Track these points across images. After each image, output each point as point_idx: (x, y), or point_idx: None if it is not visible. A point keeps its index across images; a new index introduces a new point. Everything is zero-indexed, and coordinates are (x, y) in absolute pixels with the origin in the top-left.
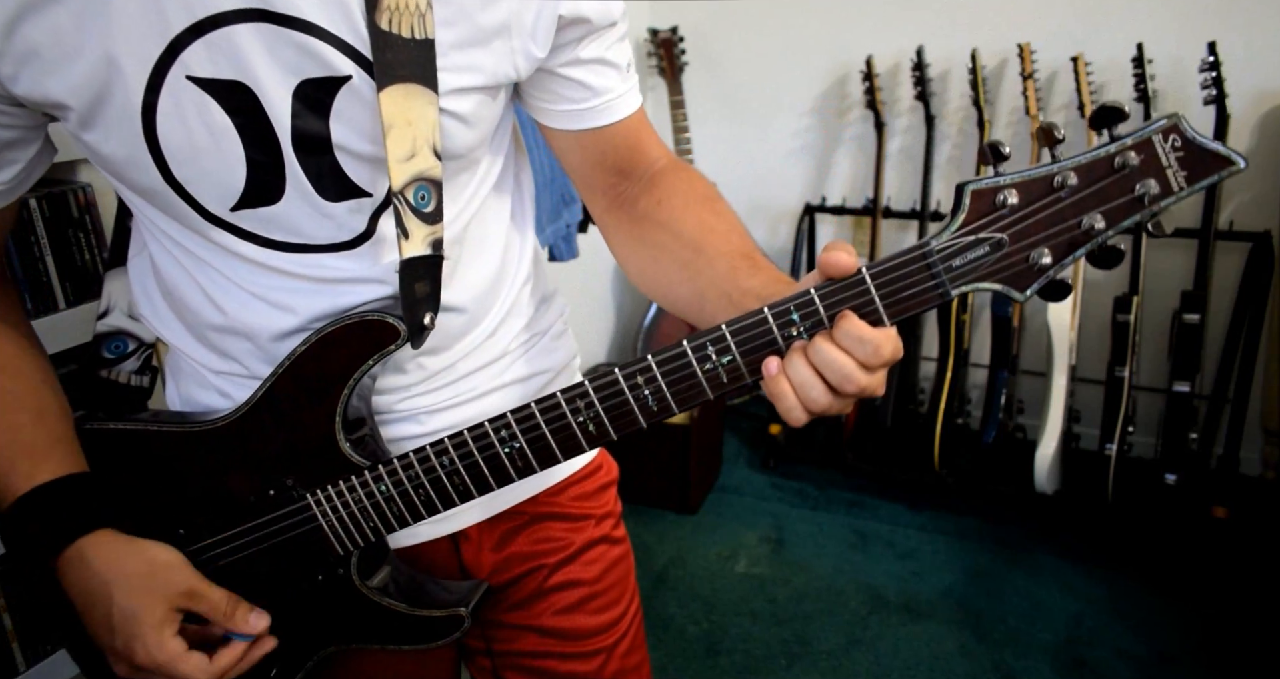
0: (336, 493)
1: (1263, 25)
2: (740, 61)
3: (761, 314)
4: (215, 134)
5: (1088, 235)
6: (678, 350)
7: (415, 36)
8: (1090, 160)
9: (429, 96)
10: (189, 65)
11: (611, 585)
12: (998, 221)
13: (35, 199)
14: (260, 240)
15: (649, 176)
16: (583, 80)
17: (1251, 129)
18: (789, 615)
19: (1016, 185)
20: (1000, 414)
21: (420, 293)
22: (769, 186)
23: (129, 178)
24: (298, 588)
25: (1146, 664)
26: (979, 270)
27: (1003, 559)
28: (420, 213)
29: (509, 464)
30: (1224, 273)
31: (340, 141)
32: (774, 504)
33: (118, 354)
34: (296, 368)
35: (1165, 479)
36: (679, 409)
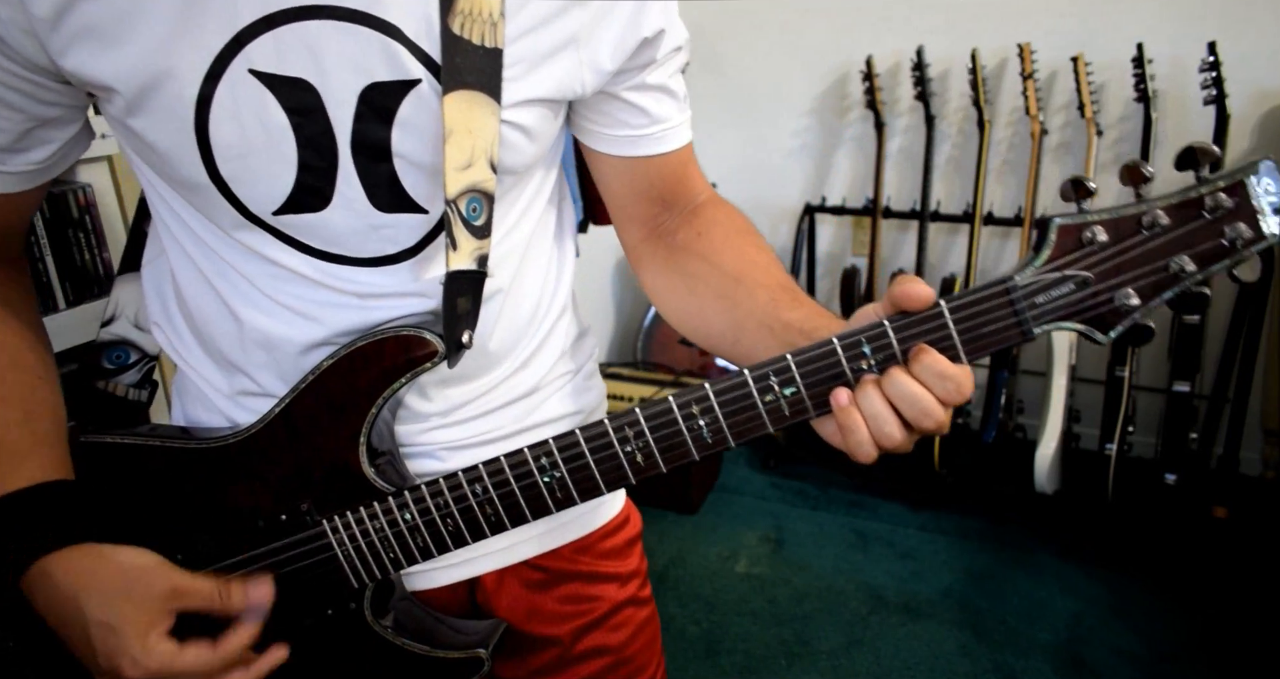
0: (356, 520)
1: (1263, 25)
2: (740, 61)
3: (830, 344)
4: (270, 132)
5: (1176, 278)
6: (738, 380)
7: (485, 44)
8: (1181, 201)
9: (492, 106)
10: (253, 58)
11: (639, 651)
12: (1084, 259)
13: None
14: (300, 246)
15: (690, 209)
16: (644, 106)
17: (1251, 129)
18: (789, 615)
19: (1105, 223)
20: (1000, 414)
21: (461, 308)
22: (769, 186)
23: (170, 170)
24: (304, 623)
25: (1146, 664)
26: (1063, 309)
27: (1003, 559)
28: (470, 225)
29: (547, 495)
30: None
31: (400, 149)
32: (774, 504)
33: (118, 365)
34: (321, 383)
35: (1165, 479)
36: (735, 442)
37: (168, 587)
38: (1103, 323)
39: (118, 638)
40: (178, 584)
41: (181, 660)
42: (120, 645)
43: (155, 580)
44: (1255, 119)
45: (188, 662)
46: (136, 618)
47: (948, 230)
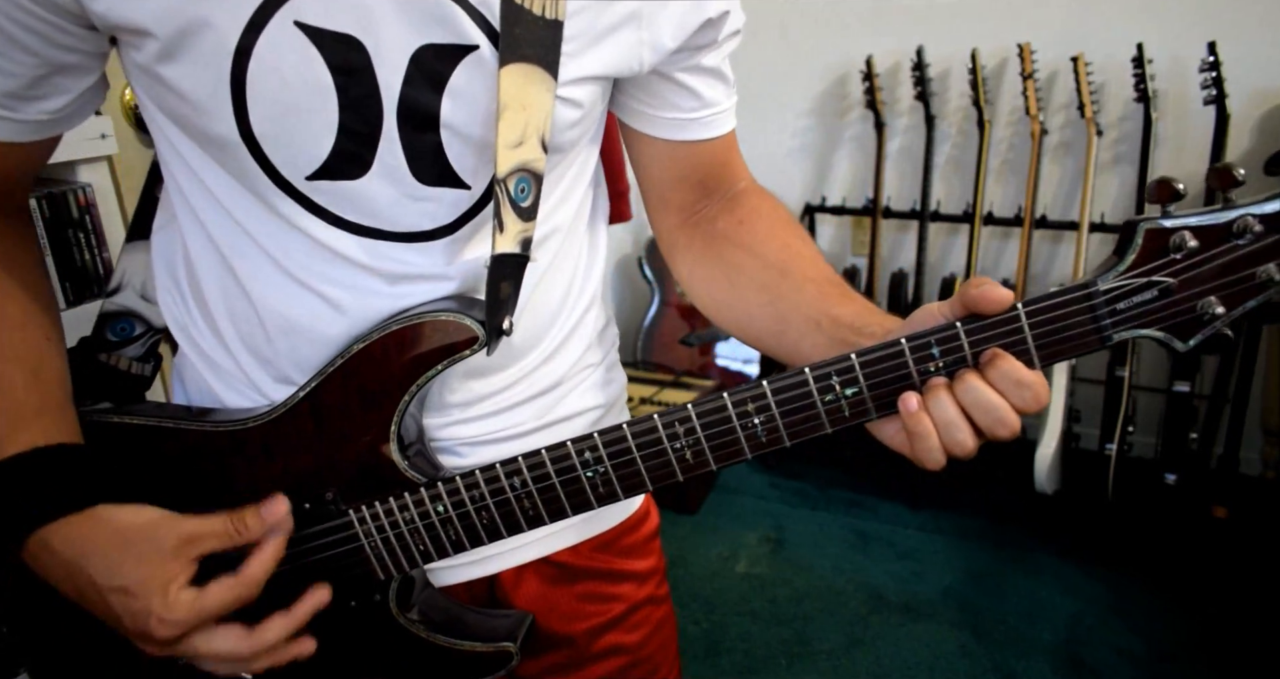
0: (385, 511)
1: (1263, 25)
2: (740, 61)
3: (898, 345)
4: (311, 91)
5: (1263, 287)
6: (798, 378)
7: (546, 15)
8: (1276, 209)
9: (548, 82)
10: (300, 9)
11: (655, 651)
12: (1170, 265)
13: (35, 199)
14: (330, 217)
15: (731, 196)
16: (696, 89)
17: (1251, 129)
18: (789, 615)
19: (1194, 229)
20: None
21: (504, 293)
22: (769, 186)
23: (198, 124)
24: (326, 616)
25: (1146, 664)
26: (1144, 316)
27: (1003, 559)
28: (517, 206)
29: (589, 490)
30: None
31: (449, 120)
32: (774, 504)
33: (122, 338)
34: (352, 368)
35: (1165, 479)
36: (790, 442)
37: (177, 536)
38: (1184, 330)
39: (137, 600)
40: (187, 531)
41: (208, 601)
42: (142, 607)
43: (162, 534)
44: (1255, 119)
45: (214, 600)
46: (150, 577)
47: (948, 230)
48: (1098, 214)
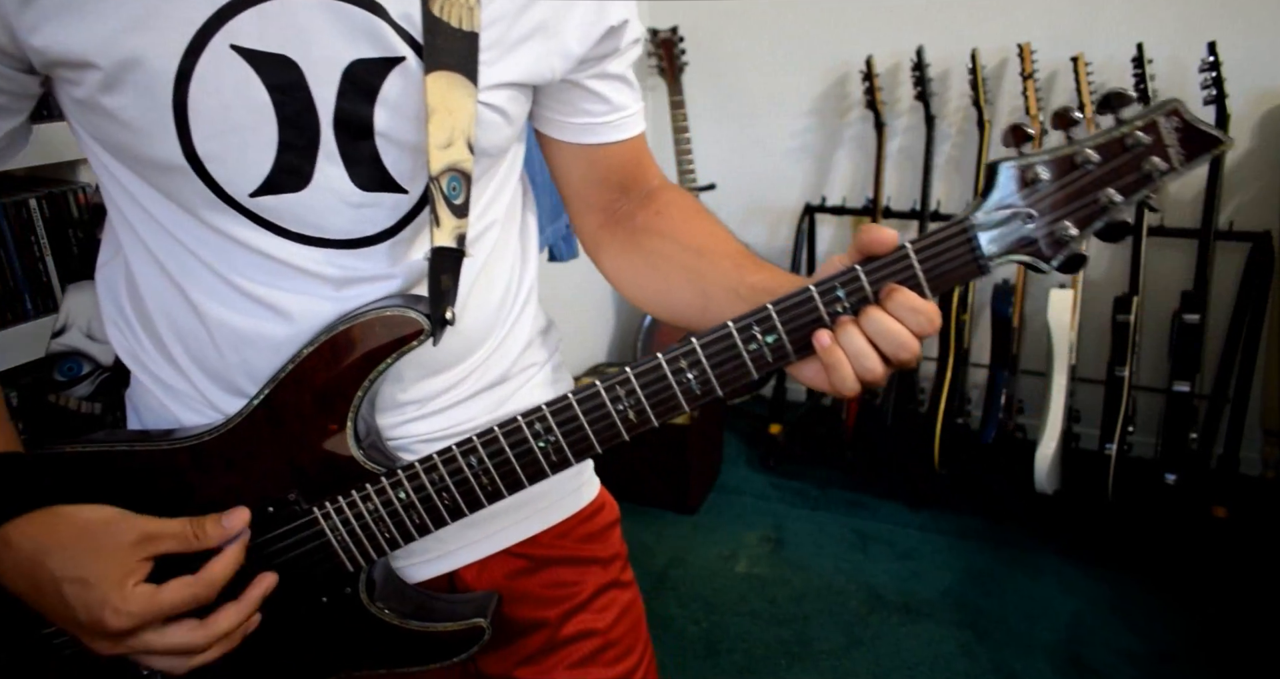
0: (348, 504)
1: (1263, 25)
2: (740, 61)
3: (807, 292)
4: (251, 110)
5: (1105, 209)
6: (723, 332)
7: (463, 27)
8: (1107, 140)
9: (469, 88)
10: (236, 33)
11: (625, 633)
12: (1029, 197)
13: (35, 199)
14: (277, 230)
15: (645, 194)
16: (605, 94)
17: (1251, 129)
18: (789, 615)
19: (1046, 163)
20: (1000, 414)
21: (445, 285)
22: (769, 186)
23: (143, 150)
24: (300, 613)
25: (1146, 664)
26: (1013, 243)
27: (1003, 559)
28: (451, 204)
29: (543, 459)
30: (1224, 273)
31: (383, 128)
32: (774, 504)
33: (70, 377)
34: (303, 371)
35: (1165, 479)
36: (723, 391)
37: (137, 534)
38: (1046, 253)
39: (93, 591)
40: (147, 529)
41: (163, 597)
42: (98, 598)
43: (122, 530)
44: (1255, 119)
45: (170, 597)
46: (108, 569)
47: None
48: None
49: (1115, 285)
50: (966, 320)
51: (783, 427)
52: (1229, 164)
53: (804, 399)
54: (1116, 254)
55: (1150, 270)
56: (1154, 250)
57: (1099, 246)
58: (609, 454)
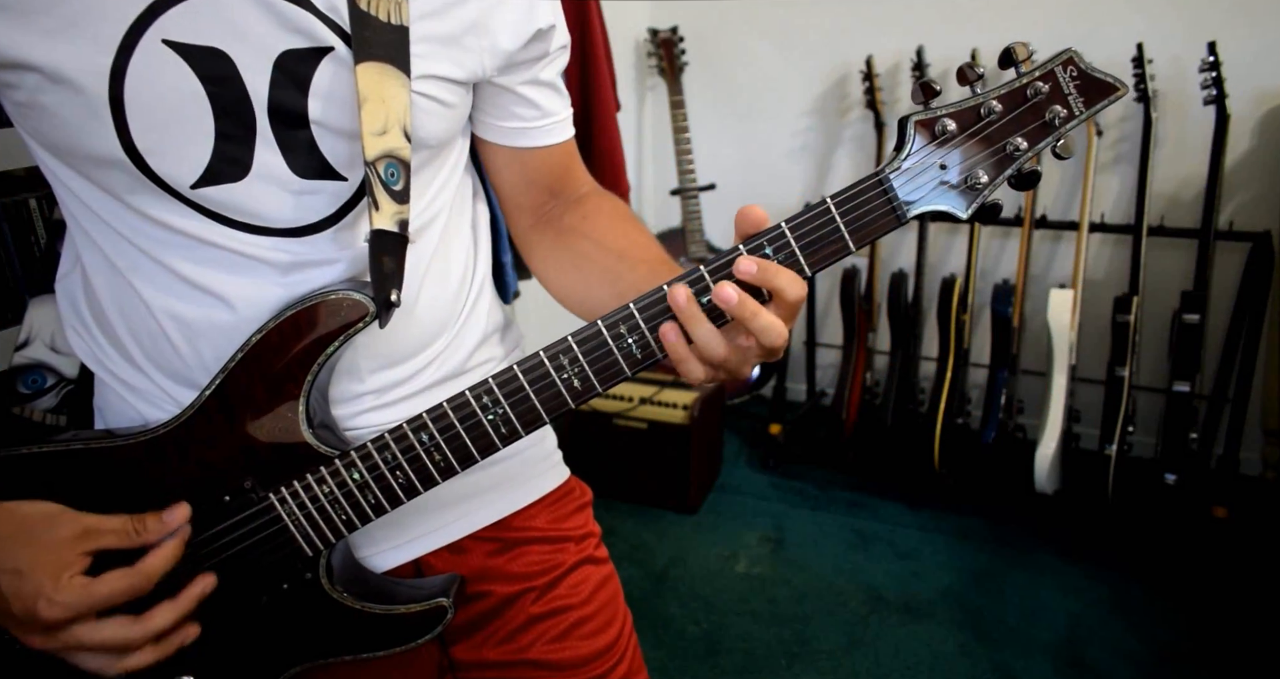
0: (304, 487)
1: (1263, 25)
2: (740, 61)
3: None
4: (186, 102)
5: (1012, 157)
6: (658, 296)
7: (391, 21)
8: (1008, 90)
9: (401, 79)
10: (166, 28)
11: (602, 607)
12: (940, 147)
13: (35, 199)
14: (220, 219)
15: (576, 198)
16: (536, 100)
17: (1251, 129)
18: (789, 615)
19: (952, 115)
20: (1000, 414)
21: (388, 268)
22: (769, 186)
23: (84, 147)
24: (261, 602)
25: (1146, 664)
26: (927, 193)
27: (1003, 559)
28: (390, 189)
29: (493, 433)
30: (1224, 273)
31: (317, 116)
32: (774, 504)
33: (34, 389)
34: (253, 358)
35: (1165, 479)
36: (663, 355)
37: (77, 528)
38: (962, 201)
39: (27, 581)
40: (87, 524)
41: (97, 588)
42: (33, 588)
43: (61, 524)
44: (1255, 119)
45: (104, 588)
46: (45, 560)
47: (948, 230)
48: (1098, 214)
49: (1115, 285)
50: (966, 320)
51: (783, 427)
52: (1229, 164)
53: (804, 399)
54: (1117, 254)
55: (1150, 270)
56: (1154, 250)
57: (1099, 247)
58: (609, 455)
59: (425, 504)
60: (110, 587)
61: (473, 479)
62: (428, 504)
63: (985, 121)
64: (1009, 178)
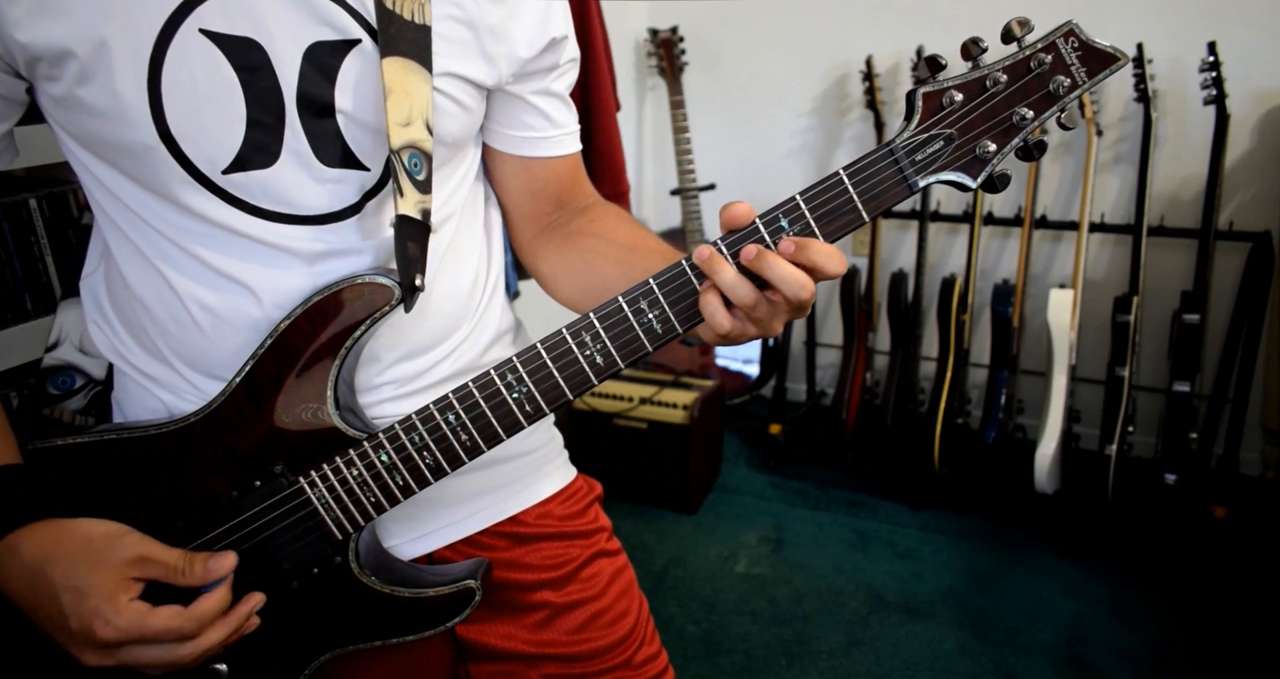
0: (333, 471)
1: (1263, 25)
2: (740, 61)
3: (754, 224)
4: (220, 89)
5: (1018, 127)
6: (676, 270)
7: (415, 20)
8: (1013, 62)
9: (424, 75)
10: (203, 18)
11: (617, 598)
12: (947, 118)
13: (35, 199)
14: (248, 207)
15: (580, 208)
16: (546, 111)
17: (1251, 129)
18: (789, 615)
19: (958, 87)
20: (1000, 414)
21: (412, 253)
22: (769, 186)
23: (118, 135)
24: (291, 588)
25: (1146, 664)
26: (937, 162)
27: (1003, 559)
28: (413, 178)
29: (517, 410)
30: (1224, 273)
31: (344, 106)
32: (774, 504)
33: (64, 390)
34: (281, 345)
35: (1165, 479)
36: (682, 329)
37: (134, 553)
38: (971, 170)
39: (88, 600)
40: (144, 552)
41: (154, 620)
42: (91, 607)
43: (121, 546)
44: (1255, 119)
45: (160, 622)
46: (104, 581)
47: (948, 230)
48: (1098, 214)
49: (1115, 285)
50: (966, 320)
51: (783, 426)
52: (1229, 164)
53: (804, 399)
54: (1117, 254)
55: (1150, 270)
56: (1154, 250)
57: (1099, 247)
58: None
59: (440, 500)
60: (164, 623)
61: (485, 477)
62: (442, 500)
63: (990, 92)
64: (1016, 148)
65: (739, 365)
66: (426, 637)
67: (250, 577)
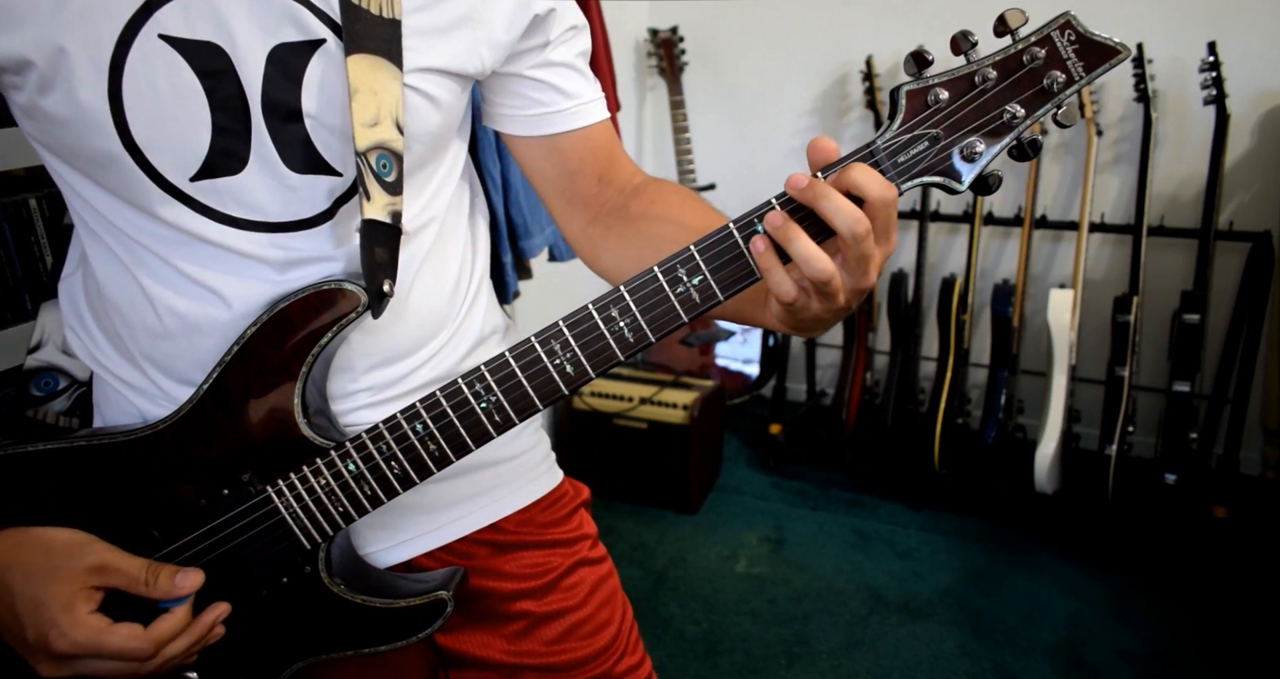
0: (300, 479)
1: (1263, 25)
2: (740, 61)
3: (726, 229)
4: (183, 96)
5: (1009, 126)
6: (648, 277)
7: (384, 14)
8: (1004, 57)
9: (393, 71)
10: (163, 23)
11: (599, 608)
12: (932, 118)
13: (35, 199)
14: (217, 216)
15: (632, 187)
16: (553, 83)
17: (1251, 129)
18: (789, 615)
19: (944, 84)
20: (1000, 414)
21: (380, 258)
22: (769, 186)
23: (84, 144)
24: (261, 597)
25: (1146, 664)
26: (921, 165)
27: (1002, 559)
28: (381, 180)
29: (486, 420)
30: (1224, 273)
31: (310, 110)
32: (774, 504)
33: (47, 392)
34: (248, 352)
35: (1165, 479)
36: (655, 338)
37: (94, 561)
38: (956, 174)
39: (45, 611)
40: (105, 561)
41: (111, 637)
42: (48, 618)
43: (81, 554)
44: (1255, 119)
45: (117, 640)
46: (60, 592)
47: (948, 230)
48: (1098, 214)
49: (1115, 285)
50: (966, 320)
51: (783, 427)
52: (1229, 164)
53: (804, 399)
54: (1117, 254)
55: (1150, 270)
56: (1154, 250)
57: (1099, 247)
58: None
59: (419, 506)
60: (121, 642)
61: (466, 483)
62: (421, 506)
63: (979, 89)
64: (1009, 147)
65: (739, 365)
66: (399, 647)
67: (219, 585)
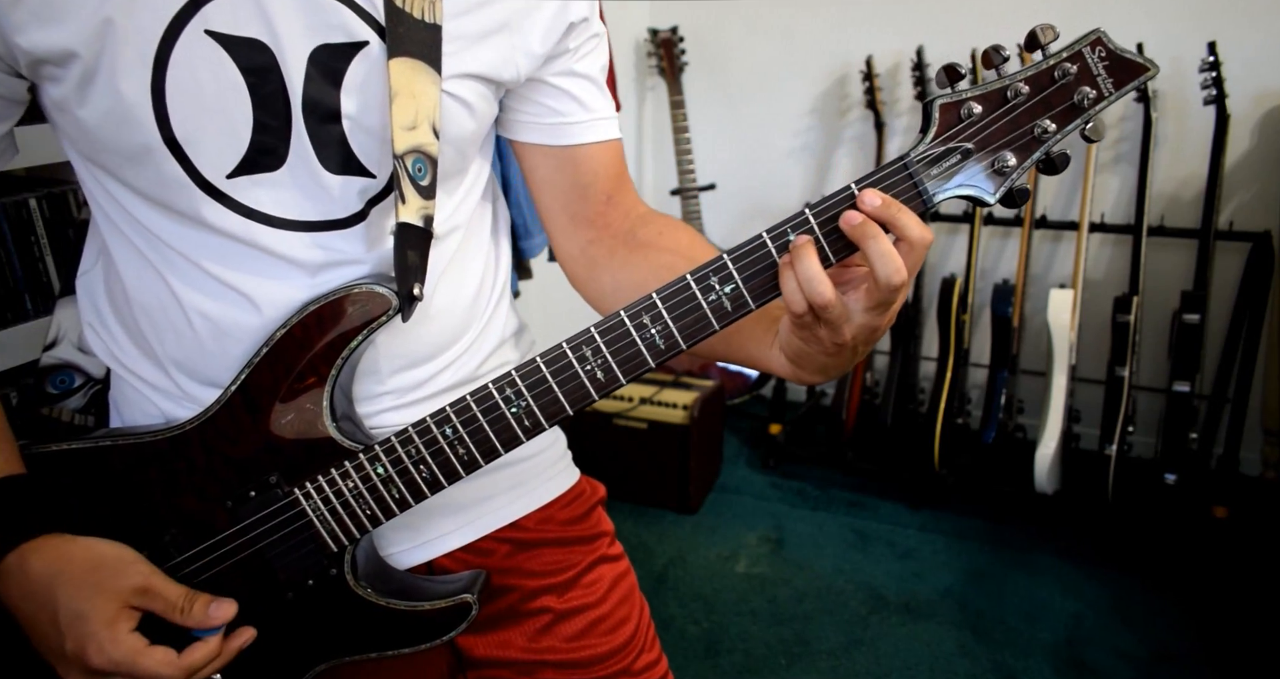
0: (328, 482)
1: (1263, 25)
2: (740, 61)
3: (760, 239)
4: (226, 91)
5: (1040, 140)
6: (680, 285)
7: (425, 19)
8: (1035, 72)
9: (433, 76)
10: (209, 18)
11: (618, 604)
12: (965, 131)
13: (35, 199)
14: (251, 213)
15: (637, 214)
16: (573, 92)
17: (1251, 129)
18: (789, 615)
19: (978, 98)
20: (1000, 414)
21: (411, 261)
22: (769, 186)
23: (121, 138)
24: (286, 599)
25: (1146, 664)
26: (955, 176)
27: (1003, 559)
28: (417, 184)
29: (516, 425)
30: (1224, 273)
31: (349, 111)
32: (774, 504)
33: (62, 390)
34: (277, 354)
35: (1165, 479)
36: (686, 345)
37: (140, 583)
38: (989, 186)
39: (86, 625)
40: (148, 583)
41: (147, 659)
42: (88, 632)
43: (128, 574)
44: (1255, 119)
45: (152, 664)
46: (104, 608)
47: (948, 230)
48: (1098, 214)
49: (1115, 285)
50: (966, 320)
51: (783, 427)
52: (1229, 164)
53: (804, 399)
54: (1117, 254)
55: (1150, 270)
56: (1154, 250)
57: (1099, 247)
58: (609, 455)
59: (440, 507)
60: (155, 667)
61: (487, 482)
62: (443, 507)
63: (1012, 104)
64: (1038, 161)
65: (738, 365)
66: (422, 650)
67: (245, 587)
